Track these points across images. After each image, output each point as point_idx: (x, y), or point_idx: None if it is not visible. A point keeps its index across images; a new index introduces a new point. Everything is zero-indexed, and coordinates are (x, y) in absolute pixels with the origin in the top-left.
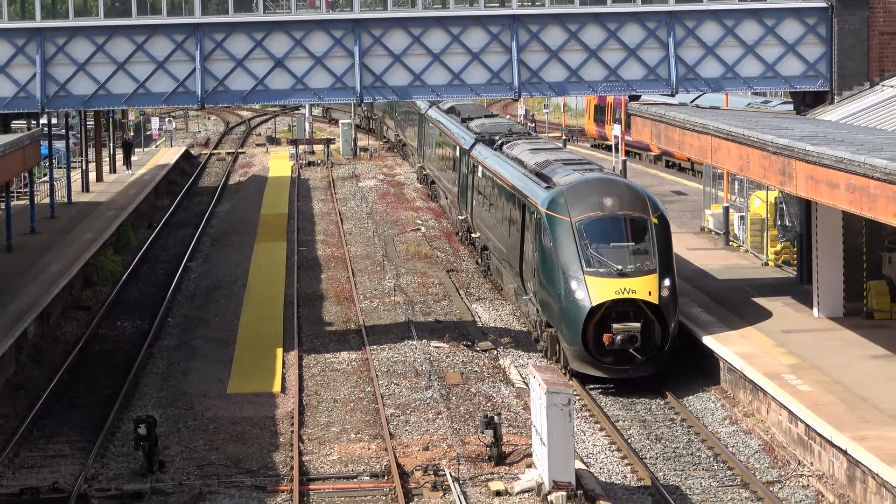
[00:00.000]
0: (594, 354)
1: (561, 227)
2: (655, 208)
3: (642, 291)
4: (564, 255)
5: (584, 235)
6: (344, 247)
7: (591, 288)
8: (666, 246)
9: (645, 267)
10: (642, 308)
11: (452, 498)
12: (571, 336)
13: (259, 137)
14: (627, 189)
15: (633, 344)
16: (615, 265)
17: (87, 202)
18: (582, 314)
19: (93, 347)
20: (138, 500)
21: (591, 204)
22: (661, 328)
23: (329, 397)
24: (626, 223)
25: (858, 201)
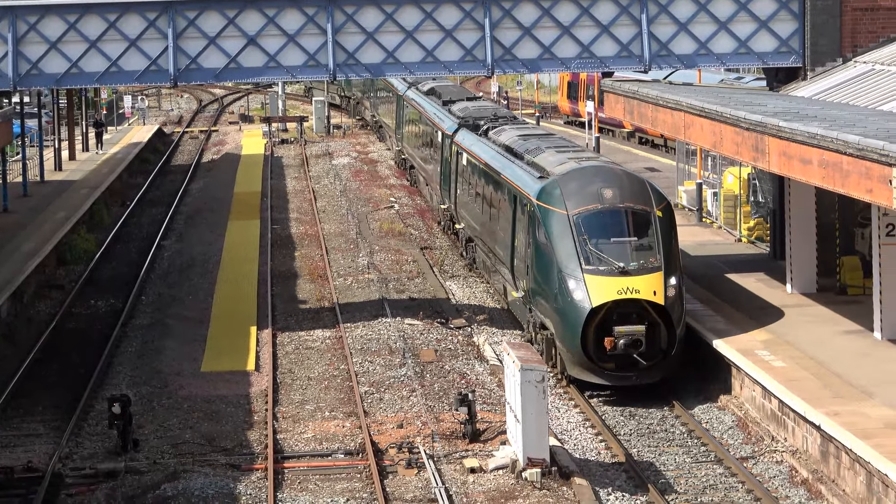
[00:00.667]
0: (594, 360)
1: (556, 220)
2: (659, 199)
3: (646, 291)
4: (561, 251)
5: (583, 230)
6: (317, 224)
7: (591, 288)
8: (671, 241)
9: (649, 264)
10: (646, 309)
11: (427, 475)
12: (569, 340)
13: (232, 115)
14: (628, 179)
15: (638, 348)
16: (616, 262)
17: (60, 181)
18: (581, 316)
19: (66, 326)
20: (113, 478)
21: (590, 195)
22: (668, 331)
23: (303, 375)
24: (628, 216)
25: (831, 177)
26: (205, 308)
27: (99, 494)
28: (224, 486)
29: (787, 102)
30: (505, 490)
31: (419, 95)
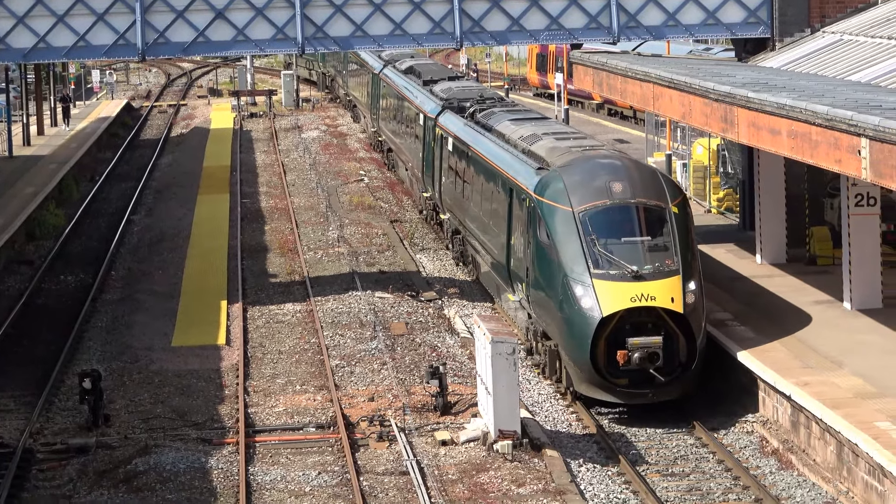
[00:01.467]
0: (606, 375)
1: (560, 218)
2: (674, 193)
3: (663, 298)
4: (566, 253)
5: (590, 229)
6: (287, 198)
7: (601, 294)
8: (689, 240)
9: (665, 267)
10: (663, 318)
11: (398, 448)
12: (577, 353)
13: (201, 89)
14: (639, 170)
15: (654, 363)
16: (629, 266)
17: (29, 156)
18: (590, 327)
19: (36, 302)
20: (84, 453)
21: (597, 190)
22: (687, 342)
23: (274, 349)
24: (641, 213)
25: (800, 147)
26: (175, 283)
27: (70, 469)
28: (195, 460)
29: (755, 73)
30: (476, 462)
31: (397, 74)
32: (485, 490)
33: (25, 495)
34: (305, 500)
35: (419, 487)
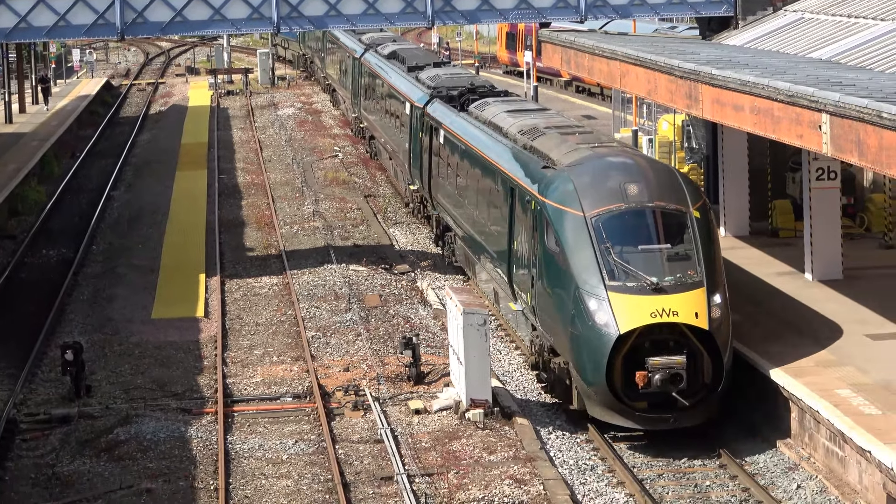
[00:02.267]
0: (623, 399)
1: (570, 224)
2: (695, 195)
3: (686, 313)
4: (577, 262)
5: (604, 236)
6: (263, 174)
7: (618, 309)
8: (712, 247)
9: (688, 278)
10: (686, 335)
11: (373, 417)
12: (591, 374)
13: (178, 68)
14: (656, 170)
15: (677, 385)
16: (648, 277)
17: (11, 133)
18: (605, 346)
19: (19, 276)
20: (66, 423)
21: (611, 192)
22: (713, 361)
23: (251, 321)
24: (660, 218)
25: (763, 123)
26: (154, 257)
27: (53, 439)
28: (175, 429)
29: (719, 51)
30: (449, 430)
31: (380, 60)
32: (457, 457)
33: (9, 464)
34: (283, 467)
35: (393, 455)
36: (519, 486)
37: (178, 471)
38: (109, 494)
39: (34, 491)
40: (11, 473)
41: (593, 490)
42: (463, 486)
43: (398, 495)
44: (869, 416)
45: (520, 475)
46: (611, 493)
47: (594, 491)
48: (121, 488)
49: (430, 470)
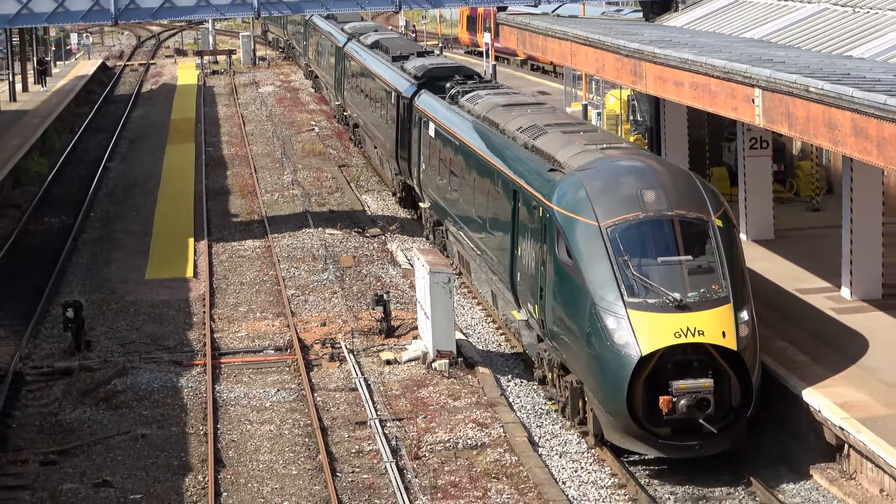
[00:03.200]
0: (645, 425)
1: (584, 234)
2: (716, 203)
3: (713, 332)
4: (593, 276)
5: (621, 248)
6: (246, 146)
7: (639, 329)
8: (737, 259)
9: (713, 294)
10: (712, 355)
11: (348, 367)
12: (609, 397)
13: (168, 50)
14: (674, 175)
15: (704, 410)
16: (670, 293)
17: (15, 111)
18: (626, 368)
19: (23, 241)
20: (68, 375)
21: (627, 200)
22: (741, 383)
23: (236, 281)
24: (680, 228)
25: (701, 97)
26: (147, 223)
27: (56, 390)
28: (167, 380)
29: (661, 32)
30: (417, 379)
31: (363, 49)
32: (425, 403)
33: (17, 413)
34: (266, 414)
35: (367, 402)
36: (481, 429)
37: (170, 418)
38: (108, 440)
39: (39, 437)
40: (19, 421)
41: (548, 432)
42: (430, 430)
43: (371, 438)
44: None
45: (482, 419)
46: (564, 435)
47: (549, 433)
48: (118, 434)
49: (401, 415)
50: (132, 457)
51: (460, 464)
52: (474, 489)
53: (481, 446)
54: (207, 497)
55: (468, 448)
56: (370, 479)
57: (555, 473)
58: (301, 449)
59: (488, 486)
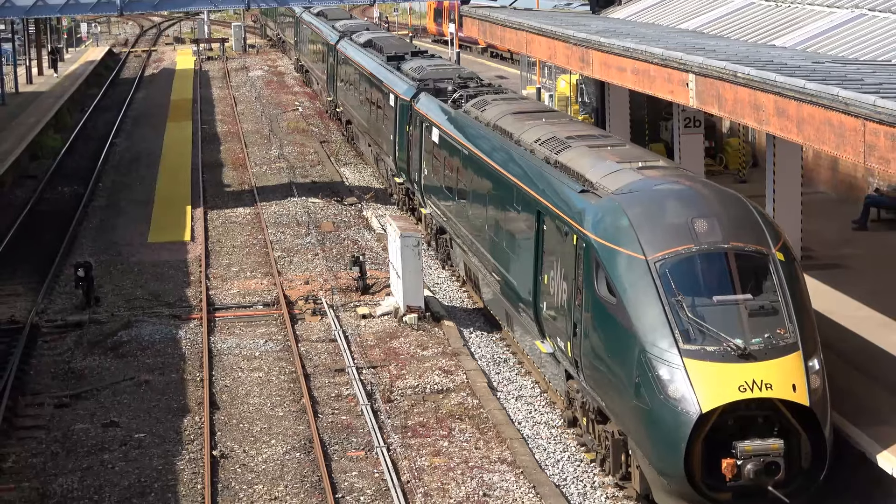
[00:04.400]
0: (704, 490)
1: (629, 269)
2: (775, 233)
3: (782, 385)
4: (642, 318)
5: (673, 286)
6: (238, 124)
7: (698, 381)
8: (801, 297)
9: (778, 340)
10: (781, 412)
11: (328, 321)
12: (664, 459)
13: (168, 38)
14: (727, 201)
15: (773, 475)
16: (731, 339)
17: (31, 92)
18: (684, 426)
19: (39, 209)
20: (79, 328)
21: (677, 230)
22: (813, 443)
23: (229, 244)
24: (738, 263)
25: (641, 82)
26: (150, 192)
27: (68, 340)
28: (168, 332)
29: (606, 23)
30: (389, 331)
31: (356, 48)
32: (396, 353)
33: (33, 361)
34: (255, 362)
35: (345, 351)
36: (446, 376)
37: (170, 365)
38: (115, 385)
39: (54, 382)
40: (35, 368)
41: (506, 378)
42: (401, 376)
43: (349, 384)
44: None
45: (447, 367)
46: (519, 381)
47: (506, 379)
48: (124, 380)
49: (375, 363)
50: (136, 400)
51: (428, 406)
52: (440, 428)
53: (446, 391)
54: (204, 435)
55: (435, 392)
56: (348, 419)
57: (511, 415)
58: (286, 393)
59: (453, 426)
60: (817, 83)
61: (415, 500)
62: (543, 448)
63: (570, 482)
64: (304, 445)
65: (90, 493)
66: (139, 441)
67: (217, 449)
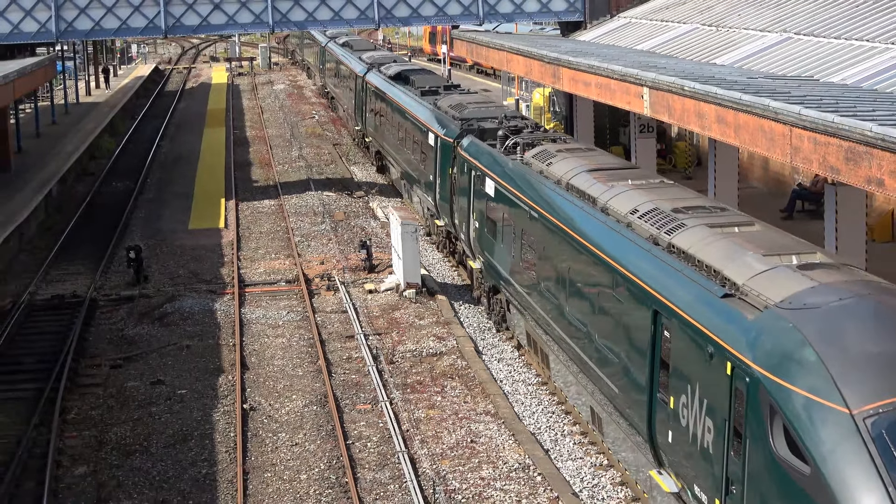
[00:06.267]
0: None
1: (825, 425)
2: None
3: None
4: (848, 495)
5: (894, 453)
6: (264, 130)
7: None
8: None
9: None
10: None
11: (340, 295)
12: None
13: (205, 57)
14: None
15: None
16: None
17: (90, 103)
18: None
19: (97, 201)
20: (130, 301)
21: (892, 370)
22: None
23: (257, 230)
24: None
25: (603, 94)
26: (190, 186)
27: (122, 312)
28: (206, 304)
29: (574, 45)
30: (392, 304)
31: (386, 81)
32: (397, 322)
33: (93, 329)
34: (279, 330)
35: (354, 321)
36: (439, 341)
37: (208, 333)
38: (161, 349)
39: (109, 347)
40: (94, 335)
41: (489, 344)
42: (402, 342)
43: (357, 348)
44: None
45: (440, 334)
46: (501, 346)
47: (490, 345)
48: (169, 345)
49: (379, 331)
50: (179, 362)
51: (424, 367)
52: (434, 385)
53: (439, 354)
54: (235, 392)
55: (430, 355)
56: (357, 378)
57: (494, 374)
58: (305, 356)
59: (445, 384)
60: (751, 95)
61: (413, 446)
62: (521, 402)
63: (544, 430)
64: (320, 400)
65: (140, 440)
66: (181, 396)
67: (247, 403)
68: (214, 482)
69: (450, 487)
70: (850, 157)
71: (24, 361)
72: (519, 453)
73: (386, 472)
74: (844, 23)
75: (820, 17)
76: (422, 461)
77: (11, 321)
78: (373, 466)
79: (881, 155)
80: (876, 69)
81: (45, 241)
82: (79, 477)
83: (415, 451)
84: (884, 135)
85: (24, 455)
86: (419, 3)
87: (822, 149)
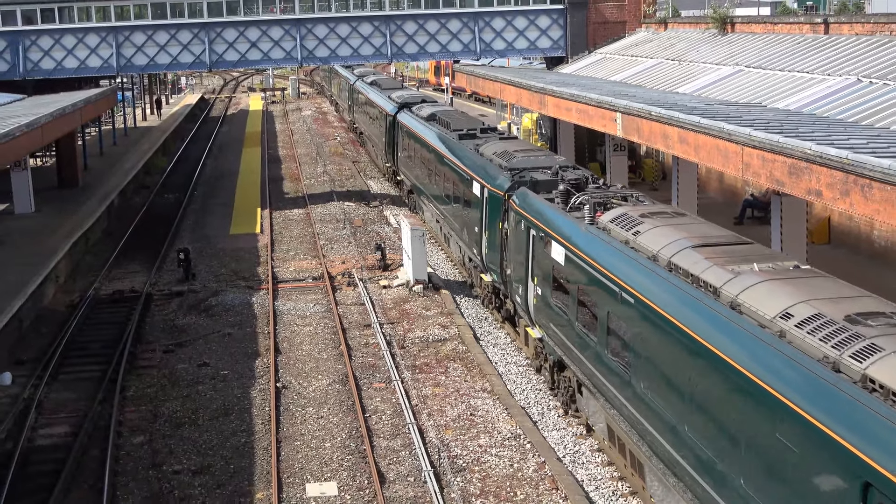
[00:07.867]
0: None
1: None
2: None
3: None
4: None
5: None
6: (294, 149)
7: None
8: None
9: None
10: None
11: (359, 290)
12: None
13: (244, 87)
14: None
15: None
16: None
17: (146, 127)
18: None
19: (151, 211)
20: (180, 296)
21: None
22: None
23: (288, 235)
24: None
25: (583, 118)
26: (230, 198)
27: (173, 304)
28: (245, 298)
29: (557, 76)
30: (402, 297)
31: (419, 123)
32: (408, 312)
33: (149, 319)
34: (307, 320)
35: (371, 312)
36: (443, 329)
37: (246, 322)
38: (207, 336)
39: (162, 334)
40: (150, 324)
41: (486, 332)
42: (411, 330)
43: (374, 335)
44: None
45: (444, 323)
46: (496, 333)
47: (487, 332)
48: (213, 333)
49: (392, 320)
50: (222, 347)
51: (430, 351)
52: (439, 367)
53: (443, 340)
54: (270, 372)
55: (435, 341)
56: (373, 360)
57: (490, 357)
58: (329, 342)
59: (448, 365)
60: (709, 119)
61: (421, 418)
62: (513, 381)
63: (532, 405)
64: (342, 379)
65: (189, 414)
66: (224, 376)
67: (280, 382)
68: (252, 449)
69: (452, 453)
70: (793, 171)
71: (90, 347)
72: (511, 424)
73: (398, 440)
74: (788, 57)
75: (767, 53)
76: (428, 431)
77: (79, 313)
78: (387, 436)
79: (819, 170)
80: (815, 97)
81: (107, 245)
82: (136, 445)
83: (422, 423)
84: (821, 153)
85: (90, 427)
86: (426, 41)
87: (769, 164)
